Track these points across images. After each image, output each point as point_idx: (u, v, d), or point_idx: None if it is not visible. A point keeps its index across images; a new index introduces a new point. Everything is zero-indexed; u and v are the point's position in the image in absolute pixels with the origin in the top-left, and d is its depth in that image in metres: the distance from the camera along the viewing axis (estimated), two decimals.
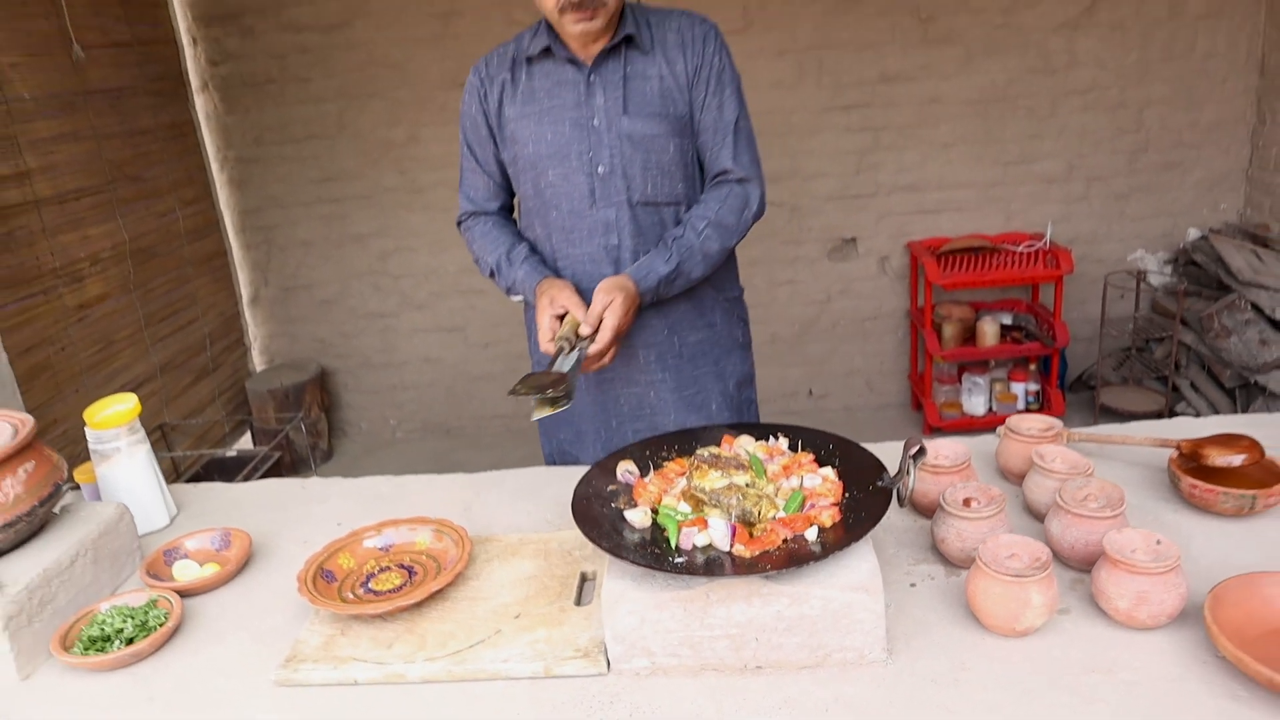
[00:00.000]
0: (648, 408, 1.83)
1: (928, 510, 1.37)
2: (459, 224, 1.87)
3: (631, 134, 1.67)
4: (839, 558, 1.11)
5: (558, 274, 1.75)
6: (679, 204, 1.73)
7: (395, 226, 4.05)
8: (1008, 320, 3.83)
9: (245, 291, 4.17)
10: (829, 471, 1.26)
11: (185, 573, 1.43)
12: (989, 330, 3.62)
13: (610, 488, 1.31)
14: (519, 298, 1.76)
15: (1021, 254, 3.66)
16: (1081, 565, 1.22)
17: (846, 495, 1.22)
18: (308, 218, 4.06)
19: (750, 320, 1.95)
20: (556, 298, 1.61)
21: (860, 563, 1.11)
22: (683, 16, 1.71)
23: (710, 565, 1.10)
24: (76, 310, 3.01)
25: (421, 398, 4.35)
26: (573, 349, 1.51)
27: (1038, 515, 1.36)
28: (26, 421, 1.40)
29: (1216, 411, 3.44)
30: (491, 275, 1.80)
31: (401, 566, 1.37)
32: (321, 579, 1.33)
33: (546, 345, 1.56)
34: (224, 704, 1.16)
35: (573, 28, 1.60)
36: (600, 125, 1.67)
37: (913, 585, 1.25)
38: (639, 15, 1.69)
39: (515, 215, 1.89)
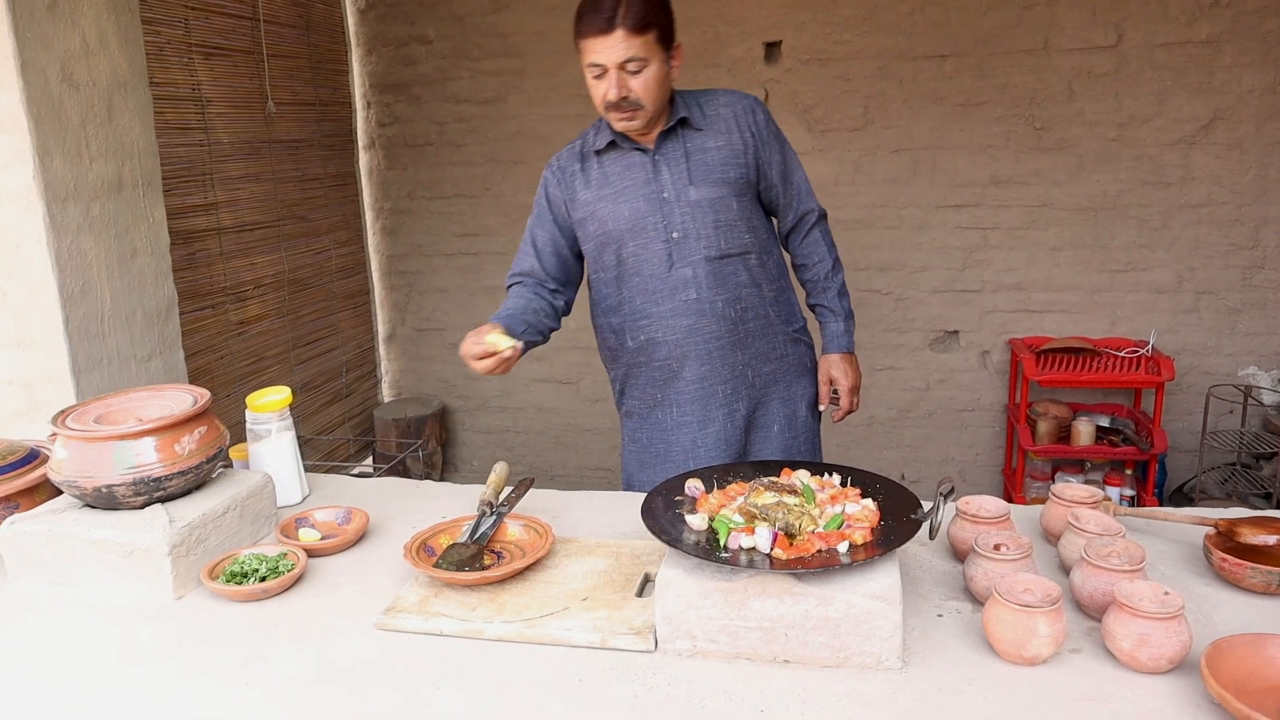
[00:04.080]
0: (724, 442, 2.02)
1: (965, 555, 1.50)
2: (508, 287, 2.09)
3: (700, 200, 1.91)
4: (865, 570, 1.26)
5: (641, 332, 2.00)
6: (748, 252, 1.96)
7: None
8: (1105, 423, 3.83)
9: (382, 329, 4.57)
10: (869, 502, 1.41)
11: (311, 537, 1.68)
12: (1084, 430, 3.63)
13: (677, 497, 1.49)
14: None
15: (1123, 358, 3.68)
16: (1098, 614, 1.31)
17: (882, 523, 1.37)
18: (447, 267, 4.44)
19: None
20: (481, 329, 1.78)
21: (884, 576, 1.25)
22: (728, 94, 1.97)
23: (751, 563, 1.27)
24: (237, 326, 3.42)
25: (531, 443, 4.61)
26: (493, 512, 1.65)
27: (1068, 572, 1.46)
28: (204, 395, 1.69)
29: None
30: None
31: (492, 551, 1.58)
32: (424, 552, 1.56)
33: (468, 345, 1.76)
34: (332, 637, 1.38)
35: (617, 125, 1.88)
36: (670, 196, 1.91)
37: (940, 615, 1.37)
38: (688, 99, 1.95)
39: (578, 292, 2.12)
